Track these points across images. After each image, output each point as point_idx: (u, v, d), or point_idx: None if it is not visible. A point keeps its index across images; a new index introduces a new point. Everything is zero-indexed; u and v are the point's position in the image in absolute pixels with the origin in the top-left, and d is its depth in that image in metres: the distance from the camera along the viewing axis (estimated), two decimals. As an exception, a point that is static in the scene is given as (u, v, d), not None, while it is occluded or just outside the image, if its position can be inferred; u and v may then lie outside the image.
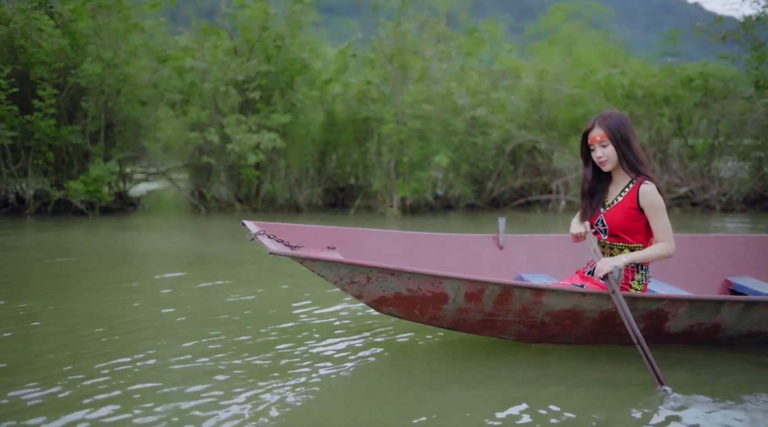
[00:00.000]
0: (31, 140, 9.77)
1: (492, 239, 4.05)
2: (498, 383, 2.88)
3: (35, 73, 9.86)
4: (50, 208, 10.07)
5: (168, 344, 3.45)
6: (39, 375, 2.94)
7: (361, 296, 3.01)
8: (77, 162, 10.44)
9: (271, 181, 10.97)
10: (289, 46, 10.64)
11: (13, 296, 4.60)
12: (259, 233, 3.08)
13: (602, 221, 3.24)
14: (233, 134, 10.10)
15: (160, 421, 2.49)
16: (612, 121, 3.12)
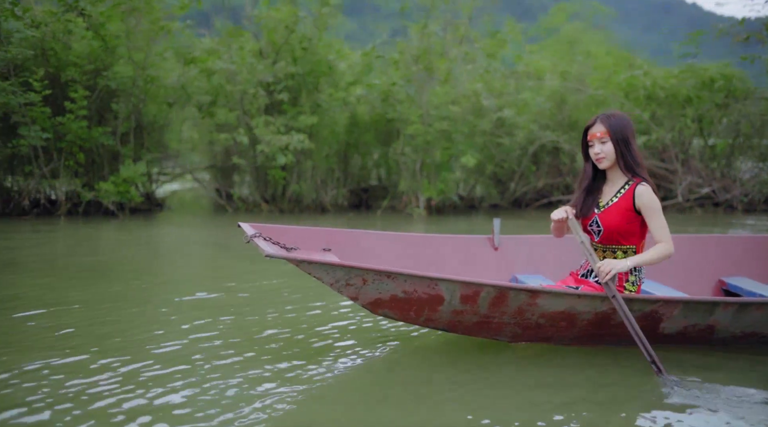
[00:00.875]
0: (62, 142, 9.86)
1: (487, 240, 4.05)
2: (493, 383, 2.88)
3: (66, 75, 9.96)
4: (81, 209, 10.15)
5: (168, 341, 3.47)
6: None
7: (356, 298, 3.01)
8: (107, 163, 10.53)
9: (298, 181, 11.07)
10: (315, 47, 10.74)
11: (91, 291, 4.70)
12: (255, 235, 3.08)
13: (597, 221, 3.20)
14: (262, 135, 10.20)
15: (161, 419, 2.49)
16: (614, 120, 3.12)
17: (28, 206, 10.12)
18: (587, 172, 3.26)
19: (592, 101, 11.71)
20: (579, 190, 3.30)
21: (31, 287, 4.94)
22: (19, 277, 5.36)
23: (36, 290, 4.82)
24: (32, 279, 5.25)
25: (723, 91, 10.97)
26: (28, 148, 9.66)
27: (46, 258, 6.40)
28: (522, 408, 2.63)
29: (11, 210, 10.00)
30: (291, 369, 3.04)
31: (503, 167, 11.47)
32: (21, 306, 4.27)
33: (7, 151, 9.60)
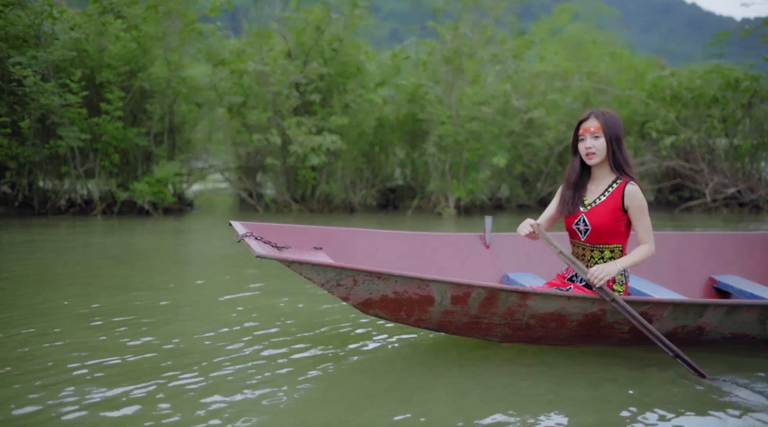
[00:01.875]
0: (98, 143, 9.95)
1: (479, 238, 4.05)
2: (483, 383, 2.89)
3: (102, 76, 10.05)
4: (116, 209, 10.25)
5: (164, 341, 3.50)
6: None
7: (347, 298, 3.02)
8: (140, 163, 10.63)
9: (328, 181, 11.17)
10: (345, 48, 10.84)
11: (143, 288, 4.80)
12: (246, 234, 3.08)
13: (584, 220, 3.18)
14: (295, 136, 10.30)
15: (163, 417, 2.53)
16: (608, 117, 3.12)
17: (64, 206, 10.22)
18: (575, 167, 3.22)
19: (616, 102, 11.84)
20: (566, 185, 3.27)
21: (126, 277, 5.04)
22: (129, 268, 5.47)
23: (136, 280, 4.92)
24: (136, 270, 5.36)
25: (748, 91, 11.09)
26: (66, 149, 9.76)
27: (140, 252, 6.51)
28: (512, 408, 2.62)
29: (47, 210, 10.09)
30: (280, 368, 3.03)
31: (531, 167, 11.59)
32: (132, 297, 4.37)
33: (45, 152, 9.69)
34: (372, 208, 11.78)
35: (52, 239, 7.83)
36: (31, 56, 9.05)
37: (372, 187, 11.79)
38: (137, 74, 10.16)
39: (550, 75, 10.99)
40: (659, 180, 12.27)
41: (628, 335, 3.22)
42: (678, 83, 11.09)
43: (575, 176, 3.21)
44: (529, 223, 3.17)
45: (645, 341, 3.23)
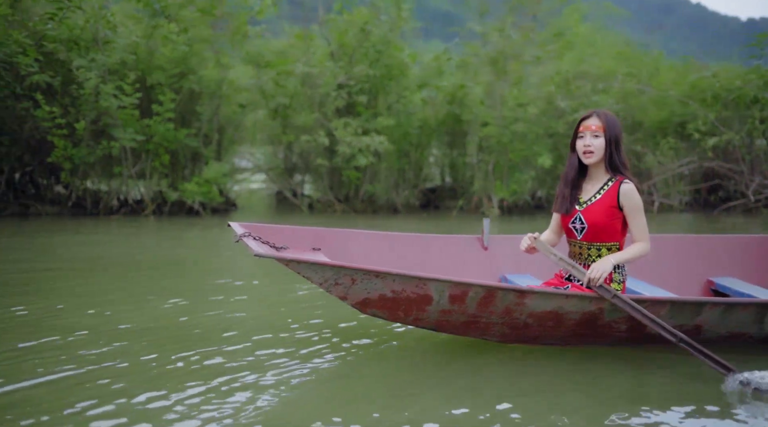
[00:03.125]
0: (150, 144, 10.08)
1: (476, 240, 4.03)
2: (481, 383, 2.87)
3: (153, 78, 10.18)
4: (166, 208, 10.37)
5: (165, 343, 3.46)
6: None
7: (345, 297, 3.00)
8: (189, 164, 10.76)
9: (372, 182, 11.29)
10: (390, 50, 10.97)
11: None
12: (245, 234, 3.08)
13: (580, 218, 3.17)
14: (342, 137, 10.42)
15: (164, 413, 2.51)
16: (610, 118, 3.11)
17: (116, 206, 10.35)
18: (572, 164, 3.20)
19: (654, 103, 11.95)
20: (563, 183, 3.26)
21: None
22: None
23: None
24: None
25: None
26: (119, 150, 9.89)
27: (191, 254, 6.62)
28: (510, 408, 2.60)
29: (99, 210, 10.22)
30: (275, 367, 3.01)
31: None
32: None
33: (98, 153, 9.81)
34: (414, 209, 11.91)
35: (114, 238, 7.96)
36: (90, 59, 9.18)
37: (414, 187, 11.91)
38: (188, 76, 10.28)
39: (594, 76, 11.09)
40: (696, 181, 12.38)
41: (626, 335, 3.20)
42: (720, 84, 11.20)
43: (573, 174, 3.20)
44: (528, 236, 3.20)
45: (642, 341, 3.21)
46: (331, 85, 10.60)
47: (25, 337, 3.48)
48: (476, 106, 10.92)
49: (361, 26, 10.95)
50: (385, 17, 10.78)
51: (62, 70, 9.68)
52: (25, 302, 4.32)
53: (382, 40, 10.83)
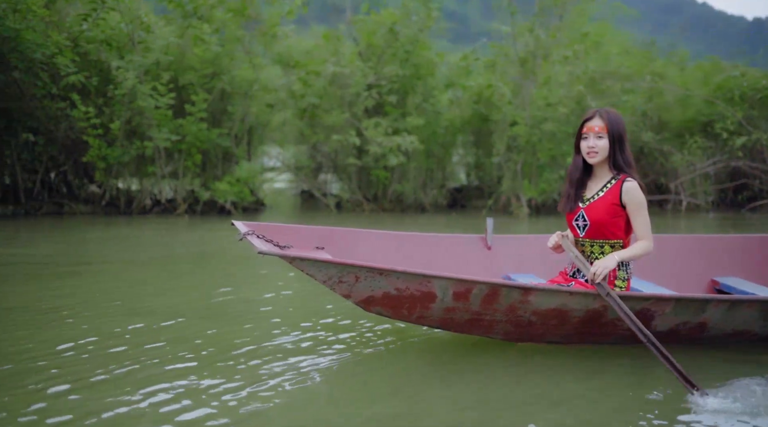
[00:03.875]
0: (182, 144, 10.16)
1: (480, 240, 4.03)
2: (485, 382, 2.85)
3: (185, 79, 10.26)
4: (199, 208, 10.45)
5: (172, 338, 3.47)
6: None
7: (349, 295, 2.99)
8: (220, 164, 10.84)
9: (400, 181, 11.35)
10: (418, 50, 11.03)
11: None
12: (248, 233, 3.06)
13: (583, 216, 3.16)
14: (373, 137, 10.48)
15: (165, 411, 2.50)
16: (613, 117, 3.10)
17: (149, 205, 10.44)
18: (577, 164, 3.21)
19: (680, 102, 11.99)
20: (567, 183, 3.27)
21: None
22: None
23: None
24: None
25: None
26: (153, 150, 9.98)
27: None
28: (513, 407, 2.59)
29: (132, 209, 10.31)
30: (281, 367, 3.00)
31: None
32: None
33: (132, 152, 9.90)
34: (441, 208, 11.97)
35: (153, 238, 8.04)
36: (128, 60, 9.27)
37: (441, 187, 11.98)
38: (220, 77, 10.36)
39: (623, 76, 11.12)
40: (721, 181, 12.40)
41: (630, 333, 3.14)
42: (748, 84, 11.23)
43: (577, 174, 3.20)
44: (558, 234, 3.21)
45: None
46: (361, 85, 10.66)
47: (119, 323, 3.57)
48: (504, 105, 10.97)
49: (390, 26, 11.01)
50: (415, 18, 10.82)
51: (94, 70, 9.77)
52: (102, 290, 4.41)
53: (412, 40, 10.89)
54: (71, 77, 9.20)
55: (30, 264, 5.87)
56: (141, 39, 9.84)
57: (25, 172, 10.08)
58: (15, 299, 4.46)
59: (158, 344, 3.35)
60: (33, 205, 9.98)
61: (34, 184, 10.14)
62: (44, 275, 5.35)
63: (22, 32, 8.90)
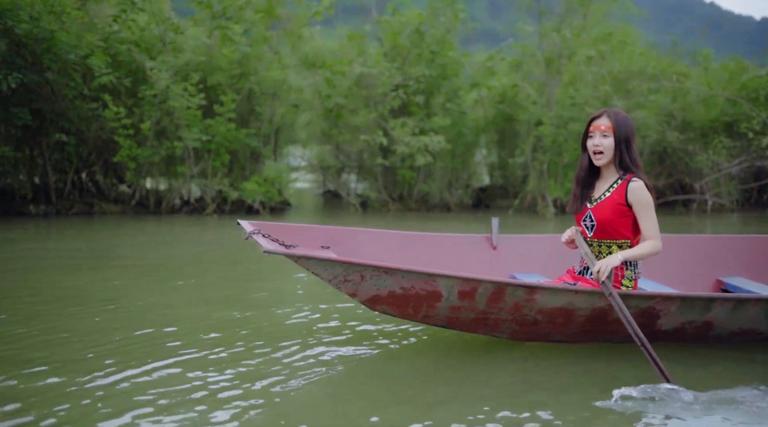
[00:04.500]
0: (211, 144, 10.23)
1: (485, 239, 4.03)
2: (491, 381, 2.85)
3: (213, 79, 10.33)
4: (227, 208, 10.51)
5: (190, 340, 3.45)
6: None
7: (355, 294, 3.00)
8: (248, 164, 10.91)
9: (426, 181, 11.40)
10: (444, 50, 11.08)
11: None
12: (254, 232, 3.08)
13: (590, 216, 3.16)
14: (400, 137, 10.53)
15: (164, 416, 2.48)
16: (620, 117, 3.09)
17: (178, 205, 10.51)
18: (583, 164, 3.21)
19: (703, 102, 11.98)
20: (575, 182, 3.27)
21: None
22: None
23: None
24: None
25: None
26: (182, 150, 10.05)
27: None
28: (516, 406, 2.59)
29: (161, 209, 10.38)
30: (286, 367, 3.00)
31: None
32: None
33: (161, 152, 9.97)
34: (466, 208, 12.00)
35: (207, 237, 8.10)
36: (161, 61, 9.34)
37: (466, 187, 12.02)
38: (249, 77, 10.42)
39: (649, 76, 11.14)
40: (745, 181, 12.39)
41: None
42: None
43: (584, 173, 3.20)
44: (573, 228, 3.23)
45: (653, 338, 3.12)
46: (388, 86, 10.72)
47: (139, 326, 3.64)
48: (529, 105, 11.00)
49: (416, 27, 11.06)
50: (443, 19, 10.87)
51: (123, 71, 9.85)
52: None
53: (439, 41, 10.94)
54: (103, 78, 9.28)
55: (76, 259, 5.96)
56: (170, 40, 9.92)
57: (56, 173, 10.16)
58: (68, 289, 4.55)
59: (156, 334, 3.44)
60: (63, 204, 10.07)
61: (64, 185, 10.23)
62: (86, 268, 5.47)
63: (56, 33, 8.99)
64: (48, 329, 3.59)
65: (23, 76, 8.76)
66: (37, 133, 9.70)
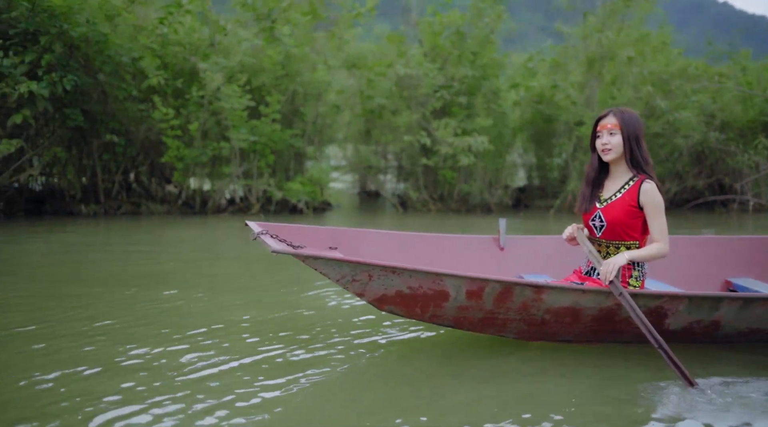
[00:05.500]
0: (257, 144, 10.33)
1: (493, 240, 4.04)
2: (499, 381, 2.85)
3: (258, 80, 10.43)
4: (272, 207, 10.62)
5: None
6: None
7: (362, 294, 3.00)
8: (292, 164, 11.01)
9: (467, 181, 11.46)
10: (486, 51, 11.14)
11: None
12: (262, 232, 3.08)
13: (599, 216, 3.15)
14: (444, 137, 10.60)
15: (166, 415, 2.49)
16: (627, 115, 3.09)
17: (223, 205, 10.63)
18: (593, 163, 3.21)
19: (741, 102, 11.97)
20: (584, 182, 3.27)
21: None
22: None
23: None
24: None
25: None
26: (229, 151, 10.16)
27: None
28: (524, 407, 2.58)
29: (207, 209, 10.50)
30: (291, 366, 3.01)
31: (664, 167, 11.78)
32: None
33: (209, 153, 10.09)
34: (507, 208, 12.05)
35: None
36: (213, 62, 9.46)
37: (505, 187, 12.07)
38: (293, 78, 10.53)
39: (690, 76, 11.15)
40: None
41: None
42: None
43: (593, 173, 3.21)
44: (574, 225, 3.26)
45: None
46: (432, 86, 10.80)
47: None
48: (570, 106, 11.04)
49: (457, 28, 11.13)
50: (487, 20, 10.93)
51: (168, 72, 9.97)
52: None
53: (482, 41, 11.00)
54: (152, 80, 9.41)
55: (137, 253, 6.08)
56: (218, 41, 10.04)
57: (104, 173, 10.30)
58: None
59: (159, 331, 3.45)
60: (111, 204, 10.21)
61: (112, 185, 10.37)
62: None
63: (110, 36, 9.13)
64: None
65: (77, 78, 8.91)
66: (88, 134, 9.84)
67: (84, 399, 2.61)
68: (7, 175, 9.17)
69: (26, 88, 8.38)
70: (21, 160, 9.20)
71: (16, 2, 8.83)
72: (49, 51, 8.79)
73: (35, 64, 8.79)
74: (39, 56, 8.74)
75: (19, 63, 8.59)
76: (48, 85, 8.62)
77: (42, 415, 2.44)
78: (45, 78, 8.65)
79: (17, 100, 8.60)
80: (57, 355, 3.15)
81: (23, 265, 5.74)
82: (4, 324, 3.70)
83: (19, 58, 8.60)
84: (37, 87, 8.42)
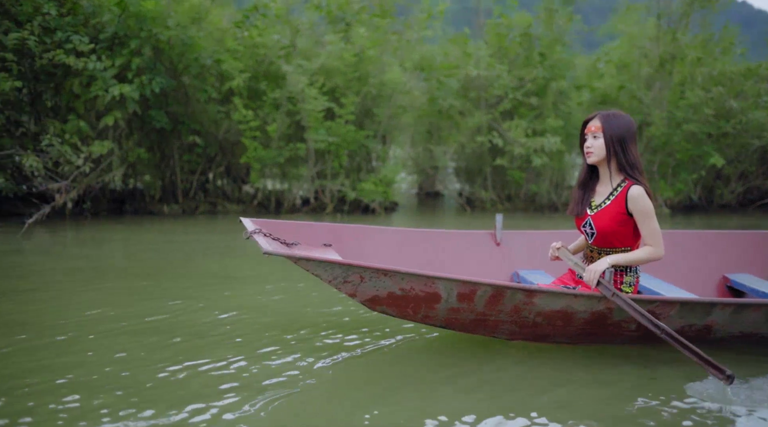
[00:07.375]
0: (331, 145, 10.46)
1: (489, 235, 4.05)
2: (490, 381, 2.87)
3: (332, 82, 10.56)
4: (345, 207, 10.75)
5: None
6: None
7: (354, 294, 3.04)
8: (364, 164, 11.13)
9: (535, 182, 11.53)
10: (554, 52, 11.20)
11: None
12: (255, 231, 3.10)
13: (590, 223, 3.15)
14: (516, 138, 10.68)
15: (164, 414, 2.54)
16: (612, 119, 3.08)
17: (298, 205, 10.77)
18: (583, 167, 3.24)
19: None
20: (576, 185, 3.29)
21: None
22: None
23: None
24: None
25: None
26: (305, 151, 10.30)
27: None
28: (517, 408, 2.60)
29: (282, 209, 10.65)
30: (286, 365, 3.03)
31: (737, 167, 11.77)
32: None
33: (286, 153, 10.23)
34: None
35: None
36: (296, 64, 9.61)
37: (569, 188, 12.11)
38: (367, 79, 10.64)
39: (761, 77, 11.14)
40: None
41: (636, 334, 3.18)
42: None
43: (582, 176, 3.23)
44: (553, 246, 3.28)
45: (653, 340, 3.14)
46: (504, 88, 10.89)
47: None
48: (636, 105, 11.08)
49: (525, 29, 11.20)
50: (560, 21, 11.00)
51: (246, 74, 10.12)
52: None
53: (551, 42, 11.07)
54: (234, 82, 9.57)
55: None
56: (299, 44, 10.19)
57: (183, 173, 10.48)
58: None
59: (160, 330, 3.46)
60: (189, 204, 10.38)
61: (191, 185, 10.54)
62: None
63: (196, 39, 9.30)
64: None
65: (164, 81, 9.08)
66: (170, 136, 10.02)
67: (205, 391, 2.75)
68: (94, 175, 9.37)
69: (118, 91, 8.57)
70: (108, 160, 9.39)
71: (105, 8, 9.03)
72: (138, 55, 8.98)
73: (124, 68, 8.98)
74: (128, 60, 8.93)
75: (109, 66, 8.79)
76: (138, 88, 8.81)
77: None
78: (135, 81, 8.84)
79: (107, 103, 8.79)
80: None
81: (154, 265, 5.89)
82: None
83: (110, 61, 8.79)
84: (128, 90, 8.61)
